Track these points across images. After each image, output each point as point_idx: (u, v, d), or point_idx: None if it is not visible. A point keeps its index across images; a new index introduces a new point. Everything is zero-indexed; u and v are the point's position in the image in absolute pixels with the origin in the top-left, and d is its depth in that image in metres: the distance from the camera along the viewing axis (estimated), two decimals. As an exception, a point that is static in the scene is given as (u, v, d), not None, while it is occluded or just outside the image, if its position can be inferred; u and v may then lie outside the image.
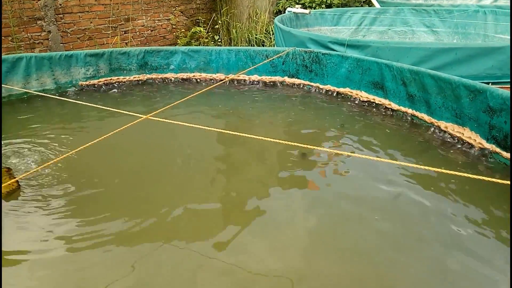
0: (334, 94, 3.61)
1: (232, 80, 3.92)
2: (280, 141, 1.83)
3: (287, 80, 3.84)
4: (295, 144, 1.82)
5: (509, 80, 3.43)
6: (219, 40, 6.87)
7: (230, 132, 2.28)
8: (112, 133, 2.02)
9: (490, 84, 2.84)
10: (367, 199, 2.09)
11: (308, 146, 1.78)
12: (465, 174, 1.48)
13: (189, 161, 2.52)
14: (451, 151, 2.60)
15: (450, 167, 2.26)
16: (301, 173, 2.34)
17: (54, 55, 3.46)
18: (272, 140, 1.85)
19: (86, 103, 2.73)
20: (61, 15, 5.40)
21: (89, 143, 1.94)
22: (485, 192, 2.11)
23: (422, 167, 1.53)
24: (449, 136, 2.75)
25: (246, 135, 1.93)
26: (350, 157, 2.49)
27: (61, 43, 5.52)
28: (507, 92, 2.46)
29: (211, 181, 2.29)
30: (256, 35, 6.66)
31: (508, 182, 1.44)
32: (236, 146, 2.80)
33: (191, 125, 2.16)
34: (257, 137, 1.94)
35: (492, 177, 1.41)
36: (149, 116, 2.33)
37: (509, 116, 2.40)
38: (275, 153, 2.63)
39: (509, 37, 4.81)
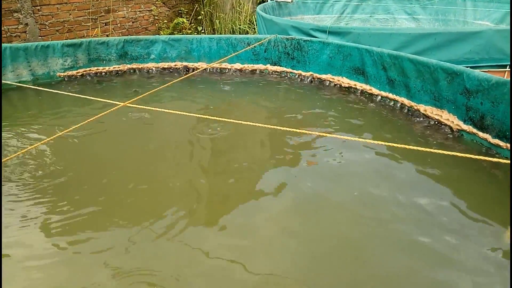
0: (316, 80, 3.61)
1: (214, 69, 3.89)
2: (262, 125, 1.82)
3: (270, 67, 3.83)
4: (278, 128, 1.81)
5: (487, 64, 3.49)
6: (203, 31, 6.80)
7: (211, 117, 2.27)
8: (86, 121, 1.99)
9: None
10: (348, 177, 2.11)
11: (289, 129, 1.78)
12: (442, 151, 1.51)
13: (170, 148, 2.50)
14: (428, 132, 2.64)
15: (428, 147, 2.29)
16: (284, 156, 2.35)
17: (30, 45, 3.37)
18: (254, 124, 1.84)
19: (64, 92, 2.67)
20: (39, 7, 5.26)
21: (63, 132, 1.91)
22: (460, 170, 2.16)
23: (401, 146, 1.55)
24: (429, 118, 2.79)
25: (227, 120, 1.92)
26: (333, 139, 2.51)
27: (39, 36, 5.38)
28: (483, 73, 2.50)
29: (192, 168, 2.27)
30: (240, 25, 6.61)
31: (483, 157, 1.47)
32: (217, 132, 2.78)
33: (168, 111, 2.14)
34: (238, 121, 1.92)
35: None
36: (127, 103, 2.30)
37: (485, 98, 2.44)
38: (258, 138, 2.62)
39: (487, 23, 4.90)
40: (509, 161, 1.72)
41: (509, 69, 3.48)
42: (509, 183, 1.97)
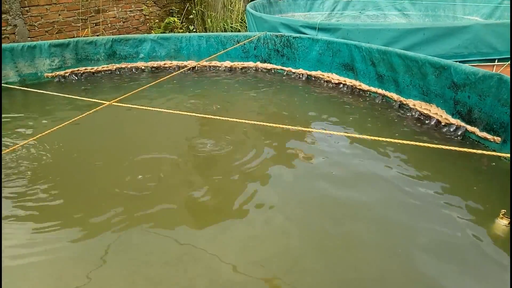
0: (307, 77, 3.61)
1: (204, 67, 3.87)
2: (252, 122, 1.81)
3: (260, 65, 3.82)
4: (269, 124, 1.80)
5: (475, 59, 3.50)
6: (194, 30, 6.77)
7: (200, 115, 2.25)
8: (70, 121, 1.96)
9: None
10: (339, 170, 2.11)
11: (281, 126, 1.77)
12: (432, 145, 1.51)
13: (162, 145, 2.48)
14: (418, 125, 2.64)
15: (419, 141, 2.29)
16: (276, 153, 2.33)
17: (16, 46, 3.33)
18: (245, 121, 1.83)
19: (51, 93, 2.65)
20: (27, 8, 5.21)
21: (47, 132, 1.88)
22: (447, 163, 2.16)
23: (391, 140, 1.54)
24: (418, 113, 2.79)
25: (217, 117, 1.90)
26: (323, 135, 2.50)
27: (29, 37, 5.33)
28: (470, 67, 2.50)
29: (184, 167, 2.26)
30: (232, 24, 6.59)
31: (470, 150, 1.47)
32: (209, 130, 2.77)
33: (154, 108, 2.13)
34: (230, 119, 1.91)
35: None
36: (113, 102, 2.28)
37: (472, 91, 2.45)
38: (249, 135, 2.61)
39: (476, 18, 4.92)
40: (494, 153, 1.72)
41: (503, 63, 3.47)
42: (510, 182, 1.96)
